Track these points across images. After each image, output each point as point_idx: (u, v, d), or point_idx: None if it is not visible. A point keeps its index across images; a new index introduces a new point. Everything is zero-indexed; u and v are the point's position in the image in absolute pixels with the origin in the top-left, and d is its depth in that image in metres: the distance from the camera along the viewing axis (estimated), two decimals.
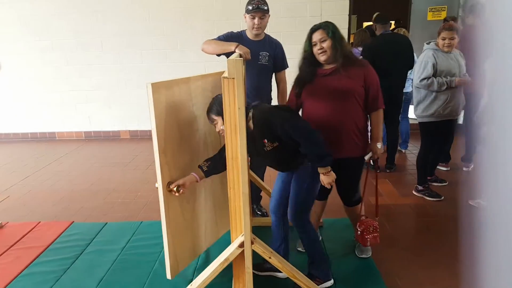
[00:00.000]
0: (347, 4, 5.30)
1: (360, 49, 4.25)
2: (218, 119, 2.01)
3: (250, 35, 2.79)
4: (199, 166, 2.13)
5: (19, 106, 5.92)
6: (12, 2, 5.48)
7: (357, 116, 2.24)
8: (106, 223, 3.10)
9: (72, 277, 2.44)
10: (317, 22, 2.27)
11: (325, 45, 2.17)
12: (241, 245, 1.90)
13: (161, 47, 5.55)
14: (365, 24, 8.03)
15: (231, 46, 2.50)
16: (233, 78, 1.71)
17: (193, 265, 2.49)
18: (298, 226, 2.19)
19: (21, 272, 2.49)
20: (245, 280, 1.96)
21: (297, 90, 2.32)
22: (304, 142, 1.93)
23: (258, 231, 2.19)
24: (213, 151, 2.29)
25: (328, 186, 2.03)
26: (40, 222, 3.16)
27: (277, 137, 1.95)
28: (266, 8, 2.68)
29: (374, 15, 4.24)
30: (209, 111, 2.04)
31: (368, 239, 2.38)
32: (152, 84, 1.84)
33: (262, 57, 2.76)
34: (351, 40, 5.08)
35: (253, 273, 2.03)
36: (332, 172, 1.99)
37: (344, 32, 5.12)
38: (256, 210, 3.16)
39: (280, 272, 2.19)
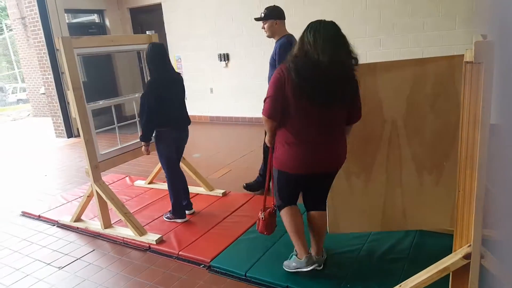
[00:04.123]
0: None
1: None
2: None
3: None
4: None
5: (240, 94, 6.87)
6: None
7: None
8: None
9: (280, 249, 2.67)
10: None
11: None
12: (467, 256, 1.66)
13: (374, 34, 5.43)
14: None
15: None
16: (479, 63, 1.48)
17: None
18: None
19: (240, 236, 2.91)
20: None
21: None
22: (140, 115, 2.89)
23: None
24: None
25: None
26: (254, 195, 3.59)
27: None
28: (262, 15, 3.19)
29: None
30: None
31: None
32: None
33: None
34: None
35: None
36: (145, 148, 2.97)
37: None
38: None
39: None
